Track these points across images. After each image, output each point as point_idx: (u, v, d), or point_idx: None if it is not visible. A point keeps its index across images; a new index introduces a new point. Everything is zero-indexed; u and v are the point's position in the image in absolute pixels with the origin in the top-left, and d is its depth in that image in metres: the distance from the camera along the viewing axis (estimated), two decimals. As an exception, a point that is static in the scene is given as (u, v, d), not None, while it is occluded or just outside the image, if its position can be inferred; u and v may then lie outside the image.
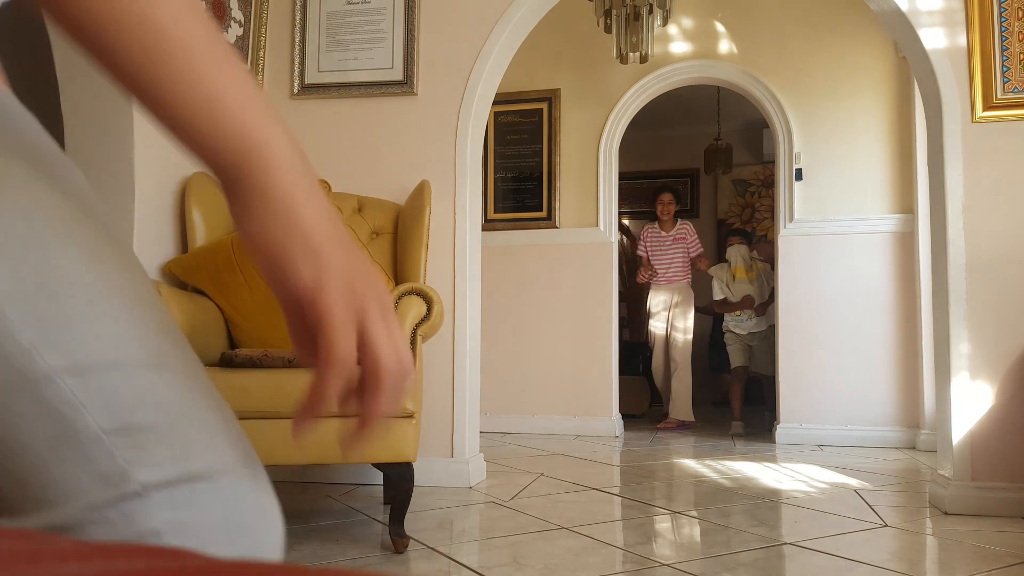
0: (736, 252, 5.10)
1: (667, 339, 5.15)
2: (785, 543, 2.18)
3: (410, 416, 2.11)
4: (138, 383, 0.44)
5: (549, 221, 4.72)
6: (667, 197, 5.23)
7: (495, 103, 3.43)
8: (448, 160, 3.04)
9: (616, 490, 3.01)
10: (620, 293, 5.17)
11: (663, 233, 5.19)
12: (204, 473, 0.45)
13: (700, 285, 5.64)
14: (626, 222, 7.17)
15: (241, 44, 3.03)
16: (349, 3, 3.16)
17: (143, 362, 0.45)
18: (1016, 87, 2.60)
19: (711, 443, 4.36)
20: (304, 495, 2.77)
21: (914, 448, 4.05)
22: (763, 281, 4.98)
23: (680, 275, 5.14)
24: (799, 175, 4.37)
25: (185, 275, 2.51)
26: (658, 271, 5.16)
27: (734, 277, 5.06)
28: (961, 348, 2.59)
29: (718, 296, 5.08)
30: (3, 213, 0.44)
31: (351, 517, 2.45)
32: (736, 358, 5.02)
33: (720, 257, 5.93)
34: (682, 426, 5.02)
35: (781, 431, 4.30)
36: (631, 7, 3.91)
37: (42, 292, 0.43)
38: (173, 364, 0.47)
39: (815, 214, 4.34)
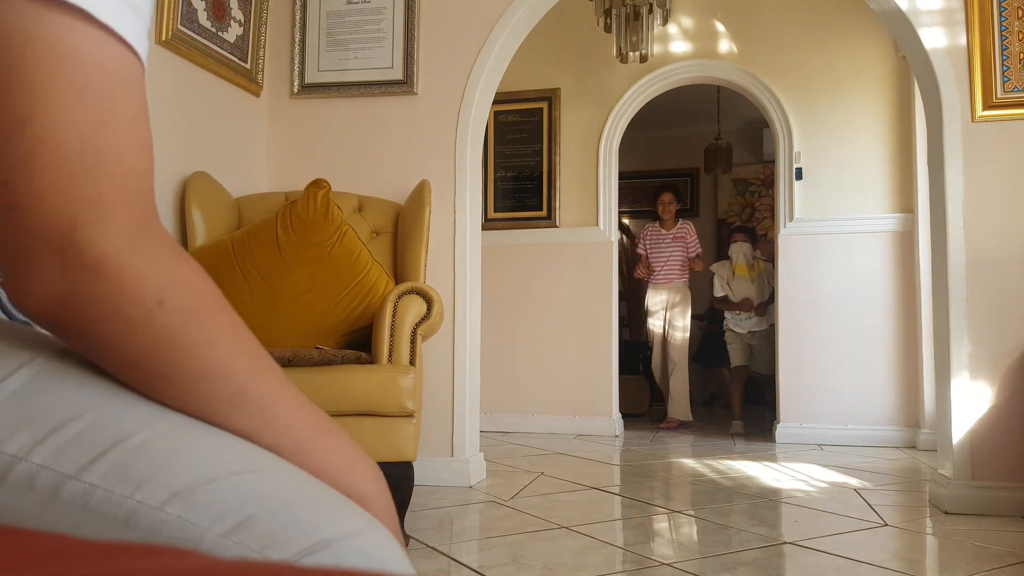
0: (739, 250, 5.09)
1: (664, 338, 5.15)
2: (785, 542, 2.18)
3: (410, 415, 2.11)
4: (239, 486, 0.45)
5: (549, 220, 4.72)
6: (667, 197, 5.23)
7: (495, 102, 3.43)
8: (448, 159, 3.04)
9: (616, 489, 3.01)
10: (620, 292, 5.17)
11: (663, 232, 5.20)
12: (338, 536, 0.45)
13: (698, 287, 5.64)
14: (626, 221, 7.16)
15: (241, 44, 3.03)
16: (349, 3, 3.16)
17: (236, 471, 0.46)
18: (1016, 86, 2.60)
19: (711, 443, 4.37)
20: (304, 494, 2.77)
21: (914, 447, 4.05)
22: (764, 281, 4.97)
23: (677, 274, 5.13)
24: (799, 174, 4.37)
25: (185, 275, 2.50)
26: (655, 268, 5.16)
27: (735, 274, 5.04)
28: (961, 347, 2.59)
29: (719, 293, 5.07)
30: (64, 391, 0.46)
31: (351, 516, 2.44)
32: (736, 357, 5.02)
33: (721, 256, 5.94)
34: (682, 425, 5.02)
35: (781, 430, 4.30)
36: (631, 7, 3.91)
37: (115, 447, 0.45)
38: (264, 463, 0.48)
39: (815, 213, 4.34)
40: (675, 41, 4.64)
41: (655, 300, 5.18)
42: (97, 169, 0.42)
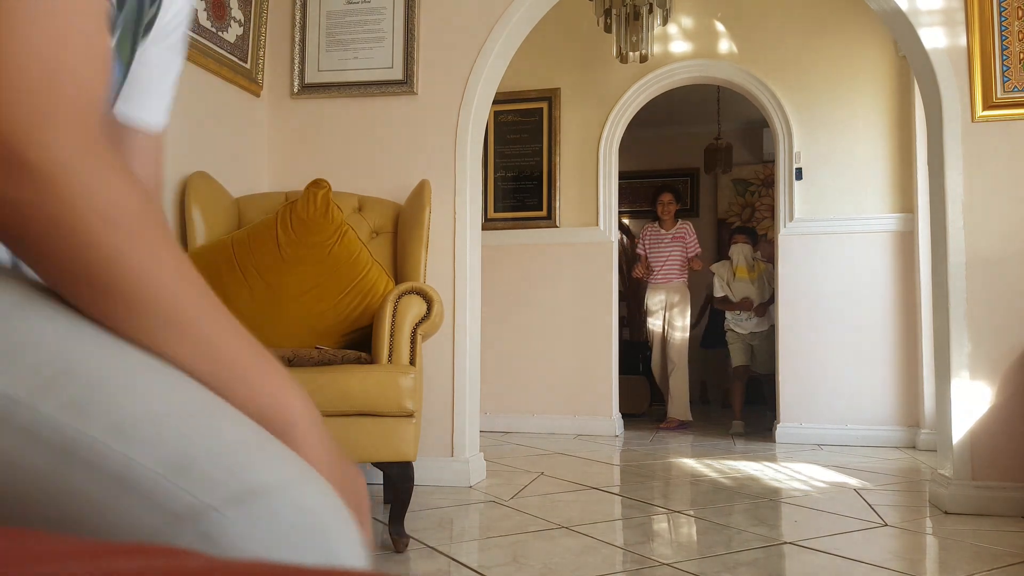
0: (739, 251, 5.08)
1: (664, 338, 5.16)
2: (785, 542, 2.18)
3: (410, 415, 2.11)
4: (185, 427, 0.46)
5: (549, 220, 4.71)
6: (667, 197, 5.23)
7: (495, 102, 3.43)
8: (448, 159, 3.04)
9: (616, 489, 3.01)
10: (620, 292, 5.17)
11: (662, 231, 5.20)
12: (270, 485, 0.45)
13: (697, 287, 5.64)
14: (626, 221, 7.16)
15: (241, 43, 3.03)
16: (349, 2, 3.16)
17: (184, 412, 0.47)
18: (1016, 86, 2.60)
19: (711, 443, 4.37)
20: (304, 494, 2.77)
21: (914, 447, 4.05)
22: (764, 282, 4.97)
23: (676, 274, 5.13)
24: (799, 174, 4.37)
25: (185, 275, 2.50)
26: (653, 268, 5.17)
27: (735, 276, 5.04)
28: (961, 347, 2.59)
29: (718, 293, 5.08)
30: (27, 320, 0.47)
31: (351, 516, 2.44)
32: (738, 357, 5.02)
33: (721, 256, 5.93)
34: (682, 425, 5.02)
35: (781, 430, 4.30)
36: (631, 6, 3.91)
37: (65, 377, 0.46)
38: (211, 406, 0.49)
39: (815, 213, 4.34)
40: (675, 41, 4.63)
41: (655, 300, 5.19)
42: (53, 85, 0.43)
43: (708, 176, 7.21)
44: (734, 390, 5.05)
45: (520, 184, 4.79)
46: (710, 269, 5.22)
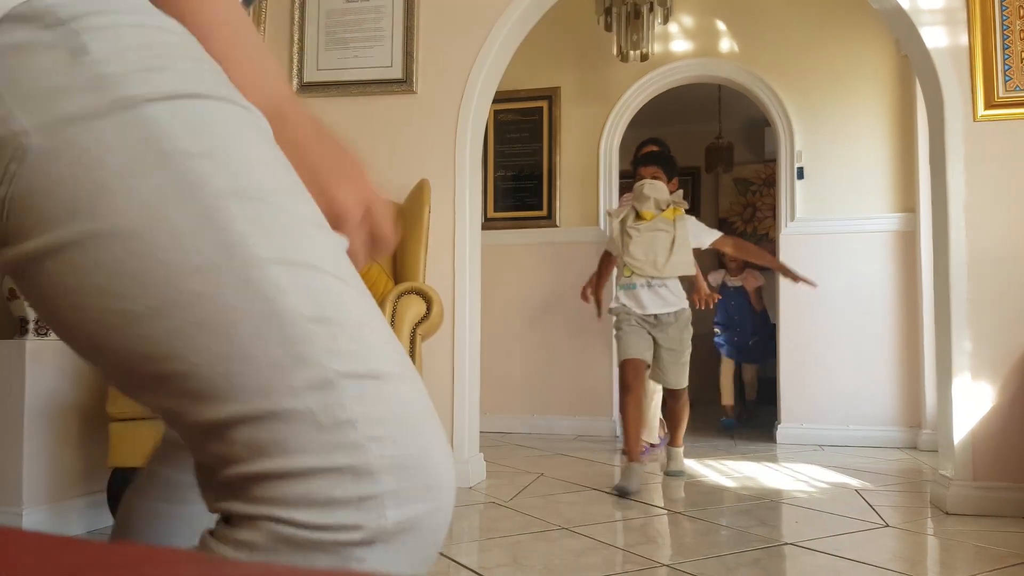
0: (652, 190, 3.17)
1: None
2: (785, 543, 2.17)
3: (409, 416, 2.10)
4: (332, 287, 0.49)
5: (549, 220, 4.71)
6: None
7: (495, 101, 3.42)
8: (447, 158, 3.03)
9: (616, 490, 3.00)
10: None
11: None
12: (386, 373, 0.49)
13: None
14: (627, 221, 7.15)
15: (240, 42, 3.02)
16: (348, 1, 3.15)
17: (335, 274, 0.50)
18: (1018, 86, 2.59)
19: (711, 443, 4.36)
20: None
21: (915, 448, 4.04)
22: (683, 235, 3.18)
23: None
24: (800, 174, 4.36)
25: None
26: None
27: (635, 222, 3.20)
28: (963, 347, 2.58)
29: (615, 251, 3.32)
30: (229, 126, 0.50)
31: (350, 517, 2.44)
32: (630, 347, 3.24)
33: (722, 258, 5.88)
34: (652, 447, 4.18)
35: (782, 431, 4.29)
36: (631, 5, 3.90)
37: (257, 196, 0.49)
38: (355, 282, 0.52)
39: (817, 213, 4.33)
40: (676, 40, 4.63)
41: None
42: None
43: (709, 175, 7.21)
44: (626, 414, 3.07)
45: (520, 183, 4.79)
46: (607, 212, 3.84)
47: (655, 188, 3.17)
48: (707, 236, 3.29)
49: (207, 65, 0.52)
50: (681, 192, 3.29)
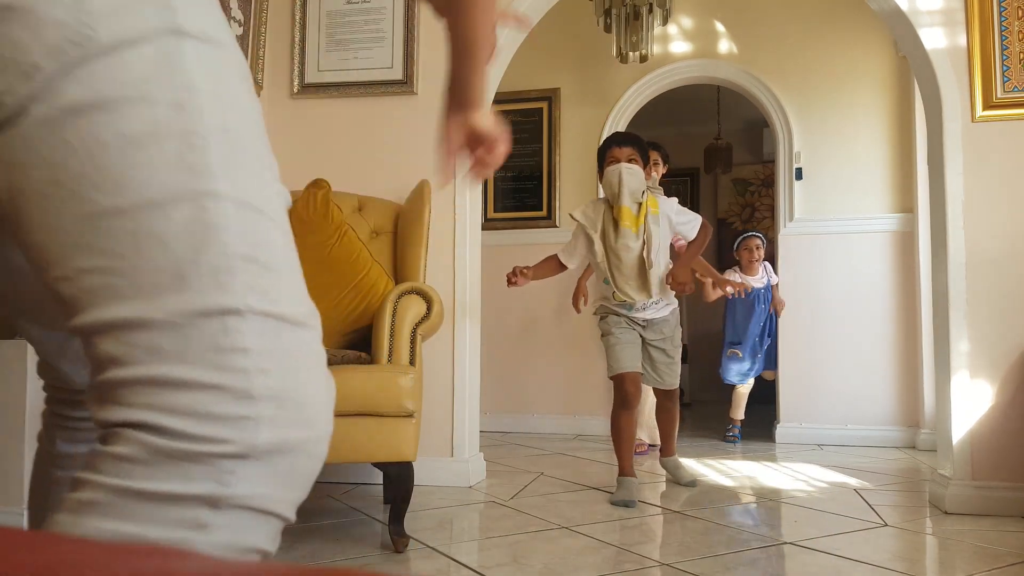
0: (627, 176, 2.81)
1: None
2: (785, 543, 2.18)
3: (410, 415, 2.10)
4: (271, 234, 0.55)
5: (549, 220, 4.71)
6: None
7: (495, 102, 3.43)
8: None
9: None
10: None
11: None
12: (291, 318, 0.54)
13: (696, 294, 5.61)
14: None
15: (241, 43, 3.03)
16: (349, 2, 3.16)
17: (276, 224, 0.56)
18: (1016, 86, 2.60)
19: (711, 443, 4.36)
20: (304, 494, 2.77)
21: (914, 447, 4.05)
22: (662, 229, 2.94)
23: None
24: (799, 174, 4.37)
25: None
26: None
27: (616, 225, 2.88)
28: (961, 347, 2.59)
29: (569, 263, 3.11)
30: (230, 69, 0.56)
31: (351, 516, 2.45)
32: (623, 359, 3.19)
33: (723, 261, 5.87)
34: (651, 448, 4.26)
35: (781, 430, 4.30)
36: (631, 6, 3.91)
37: (231, 137, 0.54)
38: (286, 231, 0.58)
39: (815, 213, 4.34)
40: (675, 41, 4.63)
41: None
42: None
43: (708, 176, 7.21)
44: (621, 429, 3.07)
45: (520, 184, 4.79)
46: (571, 215, 3.07)
47: (633, 175, 2.79)
48: (689, 228, 3.03)
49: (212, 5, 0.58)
50: (656, 178, 3.15)
